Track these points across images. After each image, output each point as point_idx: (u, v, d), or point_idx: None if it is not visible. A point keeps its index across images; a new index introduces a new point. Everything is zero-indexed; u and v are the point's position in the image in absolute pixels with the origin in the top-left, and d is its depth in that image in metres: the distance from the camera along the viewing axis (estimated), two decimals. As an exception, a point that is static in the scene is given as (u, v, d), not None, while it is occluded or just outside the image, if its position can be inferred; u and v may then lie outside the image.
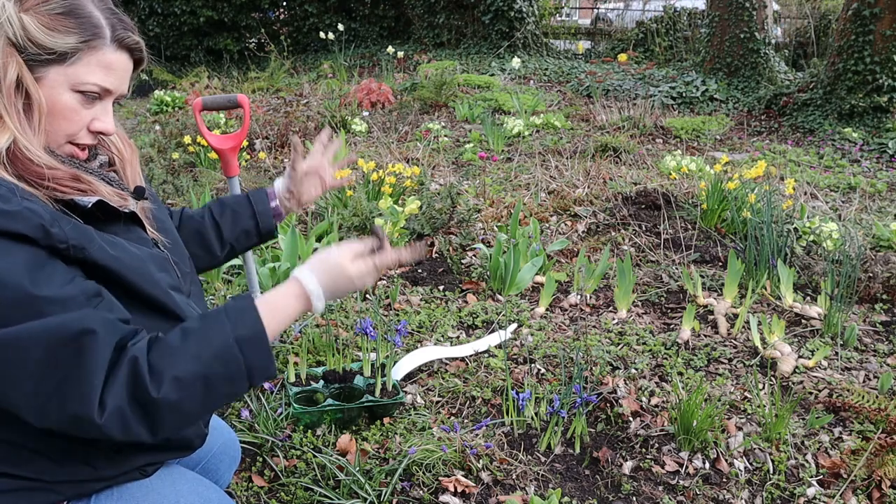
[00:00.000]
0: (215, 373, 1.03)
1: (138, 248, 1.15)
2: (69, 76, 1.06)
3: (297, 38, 12.36)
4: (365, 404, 2.15)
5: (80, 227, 1.05)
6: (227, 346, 1.04)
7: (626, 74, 9.28)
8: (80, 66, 1.06)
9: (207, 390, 1.03)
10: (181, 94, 8.13)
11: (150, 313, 1.12)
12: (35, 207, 0.99)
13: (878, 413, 2.22)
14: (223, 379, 1.04)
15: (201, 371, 1.01)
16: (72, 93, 1.07)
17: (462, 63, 10.14)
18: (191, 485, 1.19)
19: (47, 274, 0.97)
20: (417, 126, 6.72)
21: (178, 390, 0.99)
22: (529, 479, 1.93)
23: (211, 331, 1.05)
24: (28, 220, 0.97)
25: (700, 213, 4.20)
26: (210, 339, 1.04)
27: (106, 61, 1.08)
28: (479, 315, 2.93)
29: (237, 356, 1.04)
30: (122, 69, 1.12)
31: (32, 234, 0.97)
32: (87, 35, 1.05)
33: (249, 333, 1.06)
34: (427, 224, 3.78)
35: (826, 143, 6.85)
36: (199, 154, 5.25)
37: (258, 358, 1.06)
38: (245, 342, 1.05)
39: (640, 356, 2.61)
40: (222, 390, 1.06)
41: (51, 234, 0.99)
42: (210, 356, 1.02)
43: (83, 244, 1.03)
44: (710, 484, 1.95)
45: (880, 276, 3.27)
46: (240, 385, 1.07)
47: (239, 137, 2.43)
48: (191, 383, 1.01)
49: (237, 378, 1.05)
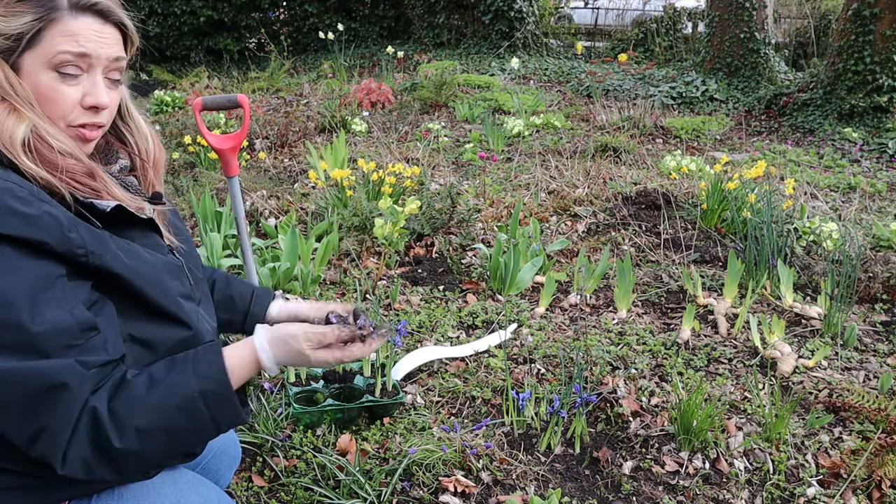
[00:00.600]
0: (179, 425, 1.03)
1: (153, 255, 1.16)
2: (41, 56, 1.05)
3: (297, 38, 12.36)
4: (365, 404, 2.15)
5: (97, 232, 1.05)
6: (192, 400, 1.03)
7: (626, 74, 9.28)
8: (46, 42, 1.05)
9: (172, 439, 1.04)
10: (181, 94, 8.14)
11: (159, 321, 1.13)
12: (55, 212, 1.00)
13: (878, 413, 2.21)
14: (188, 430, 1.04)
15: (164, 423, 1.02)
16: (49, 72, 1.06)
17: (462, 63, 10.15)
18: (191, 485, 1.19)
19: (50, 298, 0.97)
20: (417, 126, 6.71)
21: (140, 441, 1.00)
22: (529, 479, 1.93)
23: (176, 383, 1.04)
24: (48, 227, 0.98)
25: (700, 213, 4.20)
26: (175, 391, 1.03)
27: (69, 30, 1.06)
28: (479, 315, 2.93)
29: (202, 410, 1.04)
30: (91, 33, 1.08)
31: (51, 242, 0.98)
32: (43, 10, 1.05)
33: (215, 388, 1.05)
34: (427, 224, 3.78)
35: (826, 143, 6.85)
36: (199, 154, 5.25)
37: (224, 411, 1.06)
38: (210, 396, 1.04)
39: (640, 356, 2.61)
40: (188, 439, 1.07)
41: (69, 240, 1.00)
42: (174, 409, 1.02)
43: (100, 251, 1.04)
44: (710, 484, 1.95)
45: (880, 276, 3.27)
46: (207, 434, 1.08)
47: (239, 137, 2.43)
48: (153, 434, 1.01)
49: (203, 429, 1.06)
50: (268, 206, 4.08)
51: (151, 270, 1.12)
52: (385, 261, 3.41)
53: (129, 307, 1.10)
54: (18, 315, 0.94)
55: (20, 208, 0.96)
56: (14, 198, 0.97)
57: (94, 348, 1.01)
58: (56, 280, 0.99)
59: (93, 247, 1.03)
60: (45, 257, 0.98)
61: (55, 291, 0.98)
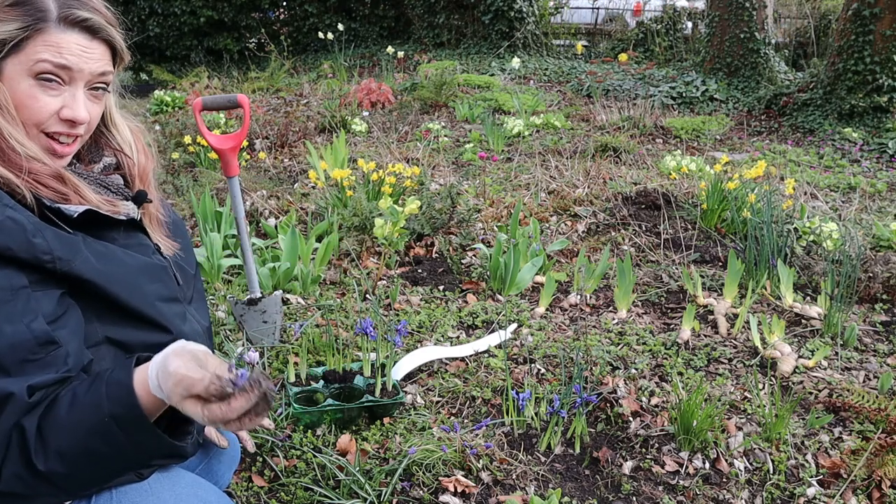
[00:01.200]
0: (98, 450, 0.96)
1: (132, 257, 1.14)
2: (22, 62, 1.05)
3: (297, 38, 12.36)
4: (365, 404, 2.15)
5: (66, 237, 1.04)
6: (105, 424, 0.96)
7: (626, 74, 9.28)
8: (29, 49, 1.05)
9: (98, 463, 0.98)
10: (181, 94, 8.14)
11: (135, 324, 1.12)
12: (18, 217, 0.98)
13: (878, 413, 2.21)
14: (111, 456, 0.98)
15: (83, 447, 0.96)
16: (29, 79, 1.05)
17: (462, 63, 10.14)
18: (190, 488, 1.19)
19: (9, 311, 0.95)
20: (417, 126, 6.72)
21: (63, 464, 0.96)
22: (529, 479, 1.93)
23: (91, 403, 0.96)
24: (10, 232, 0.97)
25: (700, 213, 4.20)
26: (89, 413, 0.96)
27: (53, 41, 1.05)
28: (479, 315, 2.93)
29: (117, 434, 0.96)
30: (75, 48, 1.07)
31: (13, 248, 0.96)
32: (31, 19, 1.04)
33: (125, 412, 0.96)
34: (427, 224, 3.78)
35: (826, 143, 6.85)
36: (199, 154, 5.25)
37: (140, 437, 0.97)
38: (122, 420, 0.96)
39: (640, 356, 2.61)
40: (117, 464, 1.01)
41: (34, 246, 0.99)
42: (90, 432, 0.96)
43: (68, 256, 1.02)
44: (710, 484, 1.95)
45: (880, 276, 3.27)
46: (136, 459, 1.01)
47: (239, 137, 2.43)
48: (75, 457, 0.96)
49: (127, 454, 0.98)
50: (268, 206, 4.08)
51: (126, 273, 1.10)
52: (385, 261, 3.41)
53: (103, 311, 1.08)
54: None
55: None
56: None
57: (53, 363, 0.98)
58: (17, 292, 0.97)
59: (59, 252, 1.01)
60: (6, 266, 0.96)
61: (15, 304, 0.96)
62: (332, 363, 2.39)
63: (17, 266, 0.97)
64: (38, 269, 0.99)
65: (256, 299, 2.59)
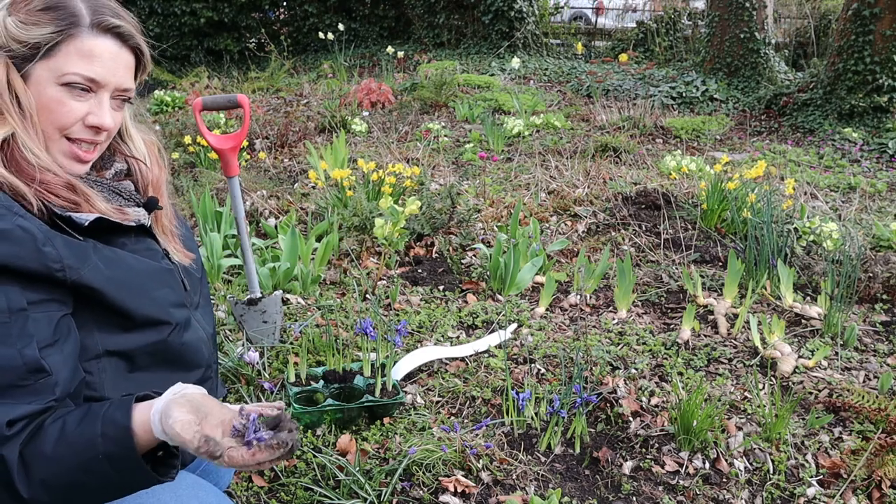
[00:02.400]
0: (85, 483, 0.96)
1: (140, 262, 1.15)
2: (52, 69, 1.05)
3: (297, 39, 12.35)
4: (365, 404, 2.15)
5: (76, 244, 1.04)
6: (97, 462, 0.95)
7: (626, 74, 9.28)
8: (61, 56, 1.05)
9: (83, 494, 0.98)
10: (181, 94, 8.13)
11: (141, 329, 1.12)
12: (28, 226, 0.99)
13: (878, 413, 2.21)
14: (97, 488, 0.98)
15: (70, 479, 0.95)
16: (58, 86, 1.06)
17: (462, 63, 10.14)
18: (191, 489, 1.19)
19: (4, 334, 0.95)
20: (417, 126, 6.72)
21: (48, 494, 0.95)
22: (529, 479, 1.93)
23: (83, 439, 0.95)
24: (20, 241, 0.97)
25: (700, 213, 4.20)
26: (80, 449, 0.95)
27: (85, 48, 1.06)
28: (479, 315, 2.93)
29: (108, 472, 0.95)
30: (106, 55, 1.08)
31: (24, 256, 0.96)
32: (64, 24, 1.05)
33: (120, 452, 0.95)
34: (427, 224, 3.78)
35: (826, 143, 6.85)
36: (199, 154, 5.25)
37: (130, 475, 0.97)
38: (116, 460, 0.95)
39: (640, 356, 2.61)
40: (102, 495, 1.00)
41: (44, 255, 0.99)
42: (78, 467, 0.95)
43: (77, 265, 1.02)
44: (710, 484, 1.95)
45: (880, 276, 3.27)
46: (122, 491, 1.00)
47: (239, 137, 2.43)
48: (61, 489, 0.96)
49: (114, 487, 0.98)
50: (268, 206, 4.08)
51: (134, 277, 1.11)
52: (385, 261, 3.41)
53: (107, 319, 1.08)
54: None
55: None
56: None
57: (41, 391, 0.98)
58: (15, 314, 0.97)
59: (69, 261, 1.01)
60: (11, 283, 0.96)
61: (11, 327, 0.96)
62: (332, 363, 2.39)
63: (23, 280, 0.97)
64: (46, 279, 0.99)
65: (256, 299, 2.59)
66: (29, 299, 0.98)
